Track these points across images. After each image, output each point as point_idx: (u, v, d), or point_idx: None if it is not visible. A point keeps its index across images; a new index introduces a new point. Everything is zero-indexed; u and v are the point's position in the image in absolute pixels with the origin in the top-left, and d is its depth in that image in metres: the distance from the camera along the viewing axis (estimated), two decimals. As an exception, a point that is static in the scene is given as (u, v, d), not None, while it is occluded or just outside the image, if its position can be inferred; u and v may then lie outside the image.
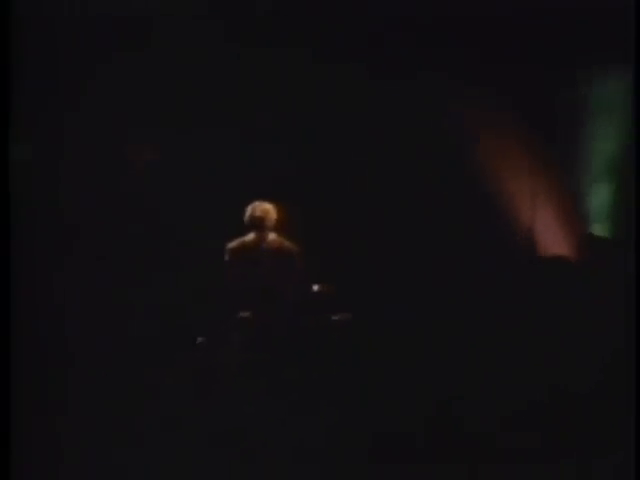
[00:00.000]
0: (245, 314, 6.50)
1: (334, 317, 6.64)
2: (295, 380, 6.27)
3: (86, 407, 5.97)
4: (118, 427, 5.76)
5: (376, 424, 5.90)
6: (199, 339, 6.56)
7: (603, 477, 5.31)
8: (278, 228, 6.64)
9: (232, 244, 6.69)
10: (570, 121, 7.51)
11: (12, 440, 5.13)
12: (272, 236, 6.64)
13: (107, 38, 7.24)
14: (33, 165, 7.28)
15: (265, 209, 6.61)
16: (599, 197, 7.47)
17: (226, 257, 6.67)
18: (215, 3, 7.31)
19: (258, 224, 6.60)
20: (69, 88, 7.31)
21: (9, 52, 5.76)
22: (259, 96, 7.49)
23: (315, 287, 6.72)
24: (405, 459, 5.57)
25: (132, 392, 6.14)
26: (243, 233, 6.65)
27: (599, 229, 7.52)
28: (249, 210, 6.62)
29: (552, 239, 7.60)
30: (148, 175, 7.57)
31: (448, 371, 6.40)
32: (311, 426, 5.87)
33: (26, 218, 6.85)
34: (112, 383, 6.24)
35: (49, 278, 7.12)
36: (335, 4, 7.29)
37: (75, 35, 7.20)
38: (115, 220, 7.45)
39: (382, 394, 6.18)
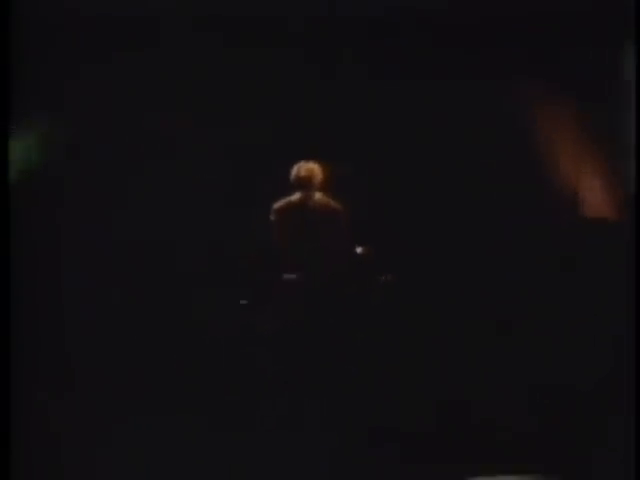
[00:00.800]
0: (290, 275, 6.52)
1: (379, 279, 6.65)
2: (337, 343, 6.31)
3: (87, 406, 5.97)
4: (118, 426, 5.77)
5: (422, 387, 5.96)
6: (243, 302, 6.59)
7: (603, 477, 5.30)
8: (324, 188, 6.66)
9: (278, 204, 6.71)
10: (615, 89, 7.50)
11: (12, 440, 5.13)
12: (318, 196, 6.67)
13: (107, 38, 7.24)
14: (33, 165, 7.28)
15: (310, 169, 6.62)
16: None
17: (272, 217, 6.70)
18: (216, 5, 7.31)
19: (304, 184, 6.61)
20: (70, 88, 7.31)
21: (9, 52, 5.77)
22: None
23: (359, 249, 6.73)
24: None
25: (132, 392, 6.14)
26: (289, 193, 6.68)
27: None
28: (294, 170, 6.63)
29: (596, 201, 7.61)
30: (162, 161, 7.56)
31: (496, 336, 6.47)
32: (352, 386, 5.93)
33: (26, 218, 6.85)
34: (113, 382, 6.24)
35: (49, 277, 7.12)
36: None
37: (75, 35, 7.19)
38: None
39: (426, 358, 6.22)
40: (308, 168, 6.62)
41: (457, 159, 7.52)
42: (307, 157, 6.68)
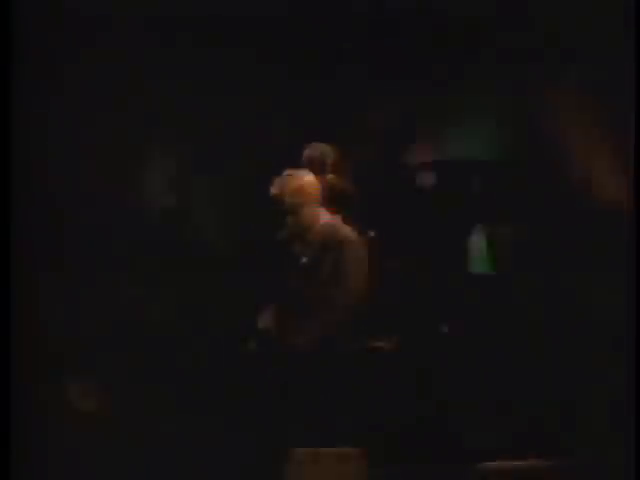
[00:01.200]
0: (302, 259, 6.30)
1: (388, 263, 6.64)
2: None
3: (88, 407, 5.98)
4: (119, 428, 5.77)
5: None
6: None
7: (603, 477, 5.31)
8: (335, 170, 6.67)
9: None
10: (614, 90, 7.51)
11: (12, 440, 5.13)
12: (329, 177, 6.63)
13: (107, 38, 7.26)
14: (34, 166, 7.29)
15: (322, 150, 6.65)
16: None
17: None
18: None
19: (315, 165, 6.57)
20: (70, 88, 7.32)
21: (9, 52, 5.77)
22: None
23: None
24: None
25: (133, 391, 6.14)
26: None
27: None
28: (306, 151, 6.64)
29: (608, 188, 7.64)
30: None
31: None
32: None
33: (26, 218, 6.85)
34: (114, 381, 6.25)
35: (49, 277, 7.12)
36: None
37: (76, 35, 7.20)
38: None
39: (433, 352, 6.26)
40: (320, 149, 6.62)
41: (457, 158, 7.55)
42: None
